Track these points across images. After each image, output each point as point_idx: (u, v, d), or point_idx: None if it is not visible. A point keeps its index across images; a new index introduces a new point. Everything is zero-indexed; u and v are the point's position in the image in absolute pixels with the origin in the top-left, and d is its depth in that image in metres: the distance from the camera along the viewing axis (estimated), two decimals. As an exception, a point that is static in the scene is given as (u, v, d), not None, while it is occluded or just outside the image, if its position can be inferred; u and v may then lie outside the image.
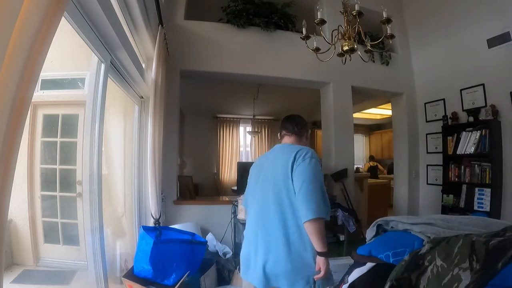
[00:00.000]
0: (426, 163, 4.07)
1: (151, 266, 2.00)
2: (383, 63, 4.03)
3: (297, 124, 1.59)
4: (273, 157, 1.51)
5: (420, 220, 1.49)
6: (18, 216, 1.63)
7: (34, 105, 1.72)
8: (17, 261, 1.63)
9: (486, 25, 3.23)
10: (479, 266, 0.91)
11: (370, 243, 1.69)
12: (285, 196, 1.37)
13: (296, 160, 1.37)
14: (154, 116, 2.36)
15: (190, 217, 3.12)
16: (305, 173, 1.32)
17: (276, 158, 1.48)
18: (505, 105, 3.09)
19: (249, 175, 1.63)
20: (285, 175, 1.37)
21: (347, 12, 2.11)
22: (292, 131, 1.58)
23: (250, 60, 3.51)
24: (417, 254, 1.16)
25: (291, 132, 1.58)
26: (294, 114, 1.66)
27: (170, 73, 2.98)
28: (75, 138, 1.88)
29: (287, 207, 1.37)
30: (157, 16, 2.40)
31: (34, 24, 0.68)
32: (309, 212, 1.26)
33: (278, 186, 1.39)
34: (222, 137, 7.37)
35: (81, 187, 1.73)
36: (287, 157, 1.40)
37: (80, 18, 1.32)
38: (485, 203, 3.03)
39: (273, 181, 1.42)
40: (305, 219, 1.27)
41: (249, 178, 1.62)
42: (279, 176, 1.39)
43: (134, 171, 2.76)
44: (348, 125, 3.86)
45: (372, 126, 8.78)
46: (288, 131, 1.59)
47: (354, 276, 1.57)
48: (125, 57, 1.88)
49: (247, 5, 3.44)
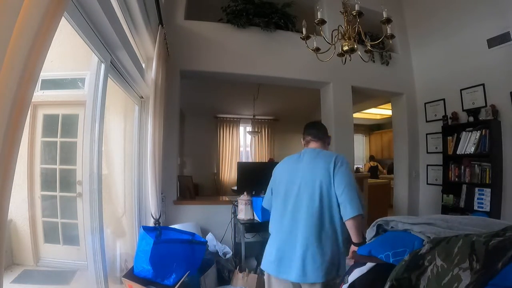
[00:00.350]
0: (426, 163, 4.07)
1: (151, 266, 2.00)
2: (383, 63, 4.03)
3: (321, 131, 1.78)
4: (309, 161, 1.64)
5: (420, 220, 1.49)
6: (18, 216, 1.63)
7: (34, 105, 1.72)
8: (17, 261, 1.63)
9: (486, 25, 3.23)
10: (479, 266, 0.91)
11: (370, 243, 1.69)
12: (325, 197, 1.53)
13: (336, 166, 1.55)
14: (154, 116, 2.36)
15: (190, 217, 3.12)
16: (345, 177, 1.52)
17: (313, 162, 1.62)
18: (505, 105, 3.09)
19: (276, 174, 1.76)
20: (327, 178, 1.54)
21: (347, 12, 2.11)
22: (317, 137, 1.74)
23: (250, 60, 3.51)
24: (417, 254, 1.16)
25: (317, 138, 1.74)
26: (317, 121, 1.90)
27: (170, 73, 2.98)
28: (75, 138, 1.88)
29: (325, 206, 1.53)
30: (157, 16, 2.40)
31: (34, 24, 0.68)
32: (352, 211, 1.47)
33: (320, 187, 1.54)
34: (222, 137, 7.37)
35: (81, 187, 1.73)
36: (327, 163, 1.57)
37: (80, 18, 1.32)
38: (485, 203, 3.03)
39: (313, 183, 1.55)
40: (348, 216, 1.48)
41: (278, 176, 1.73)
42: (320, 179, 1.55)
43: (134, 171, 2.76)
44: (348, 125, 3.86)
45: (372, 126, 8.79)
46: (314, 137, 1.74)
47: (354, 276, 1.57)
48: (125, 57, 1.88)
49: (247, 5, 3.44)
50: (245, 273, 2.50)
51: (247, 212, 2.86)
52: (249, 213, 2.86)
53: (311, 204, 1.54)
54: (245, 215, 2.85)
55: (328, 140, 1.80)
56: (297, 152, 1.75)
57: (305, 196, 1.56)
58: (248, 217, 2.85)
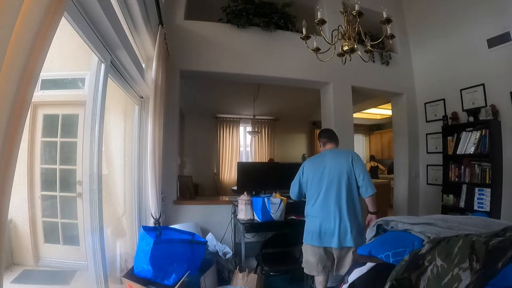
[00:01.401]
0: (426, 163, 4.07)
1: (151, 266, 2.00)
2: (383, 63, 4.03)
3: (334, 135, 2.41)
4: (333, 157, 2.24)
5: (420, 220, 1.49)
6: (18, 216, 1.62)
7: (34, 105, 1.72)
8: (17, 261, 1.63)
9: (486, 25, 3.23)
10: (479, 266, 0.91)
11: (370, 243, 1.69)
12: (349, 183, 2.15)
13: (354, 159, 2.19)
14: (154, 116, 2.36)
15: (190, 217, 3.12)
16: (362, 167, 2.19)
17: (336, 158, 2.22)
18: (505, 105, 3.09)
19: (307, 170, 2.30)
20: (349, 169, 2.16)
21: (347, 12, 2.11)
22: (332, 140, 2.38)
23: (250, 60, 3.51)
24: (417, 254, 1.16)
25: (332, 140, 2.37)
26: (329, 128, 2.64)
27: (170, 73, 2.98)
28: (75, 138, 1.88)
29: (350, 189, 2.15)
30: (157, 16, 2.40)
31: (34, 24, 0.68)
32: (371, 190, 2.15)
33: (346, 176, 2.15)
34: (222, 137, 7.37)
35: (81, 187, 1.72)
36: (347, 157, 2.20)
37: (80, 18, 1.32)
38: (485, 203, 3.03)
39: (339, 173, 2.16)
40: (368, 194, 2.15)
41: (310, 172, 2.26)
42: (345, 170, 2.16)
43: (134, 171, 2.76)
44: (348, 125, 3.86)
45: (372, 126, 8.78)
46: (331, 140, 2.37)
47: (354, 276, 1.57)
48: (125, 57, 1.88)
49: (247, 5, 3.44)
50: (245, 273, 2.50)
51: (247, 212, 2.86)
52: (249, 213, 2.86)
53: (340, 189, 2.13)
54: (245, 215, 2.85)
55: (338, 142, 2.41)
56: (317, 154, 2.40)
57: (335, 184, 2.14)
58: (248, 217, 2.85)
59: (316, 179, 2.22)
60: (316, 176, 2.23)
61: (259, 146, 7.71)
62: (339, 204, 2.12)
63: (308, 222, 2.24)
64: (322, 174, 2.20)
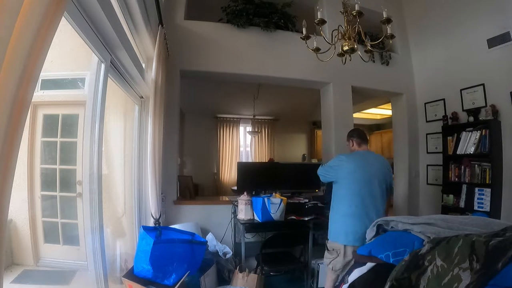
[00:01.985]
0: (426, 163, 4.07)
1: (151, 266, 2.00)
2: (383, 63, 4.03)
3: (366, 137, 2.41)
4: (374, 160, 2.29)
5: (420, 220, 1.49)
6: (18, 216, 1.62)
7: (34, 105, 1.72)
8: (17, 261, 1.63)
9: (486, 25, 3.23)
10: (479, 266, 0.91)
11: (370, 243, 1.69)
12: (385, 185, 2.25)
13: (388, 167, 2.35)
14: (154, 116, 2.36)
15: (190, 217, 3.12)
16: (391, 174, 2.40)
17: (376, 161, 2.29)
18: (505, 105, 3.09)
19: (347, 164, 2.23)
20: (386, 174, 2.27)
21: (347, 12, 2.11)
22: (366, 141, 2.40)
23: (250, 60, 3.51)
24: (417, 254, 1.16)
25: (366, 141, 2.39)
26: (360, 129, 2.53)
27: (170, 73, 2.98)
28: (75, 138, 1.88)
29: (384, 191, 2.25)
30: (157, 16, 2.40)
31: (34, 24, 0.68)
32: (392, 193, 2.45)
33: (382, 179, 2.23)
34: (222, 137, 7.37)
35: (81, 187, 1.72)
36: (385, 164, 2.33)
37: (80, 18, 1.31)
38: (485, 203, 3.03)
39: (378, 175, 2.22)
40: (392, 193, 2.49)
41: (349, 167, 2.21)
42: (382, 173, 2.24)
43: (134, 171, 2.76)
44: (348, 125, 3.84)
45: (372, 126, 8.78)
46: (364, 141, 2.38)
47: (354, 276, 1.57)
48: (125, 57, 1.88)
49: (247, 5, 3.44)
50: (245, 273, 2.50)
51: (247, 212, 2.85)
52: (249, 213, 2.86)
53: (378, 190, 2.21)
54: (245, 215, 2.85)
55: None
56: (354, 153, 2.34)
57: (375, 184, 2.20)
58: (248, 217, 2.85)
59: (359, 179, 2.18)
60: (359, 176, 2.18)
61: (259, 146, 7.71)
62: (377, 203, 2.18)
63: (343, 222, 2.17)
64: (368, 176, 2.19)
